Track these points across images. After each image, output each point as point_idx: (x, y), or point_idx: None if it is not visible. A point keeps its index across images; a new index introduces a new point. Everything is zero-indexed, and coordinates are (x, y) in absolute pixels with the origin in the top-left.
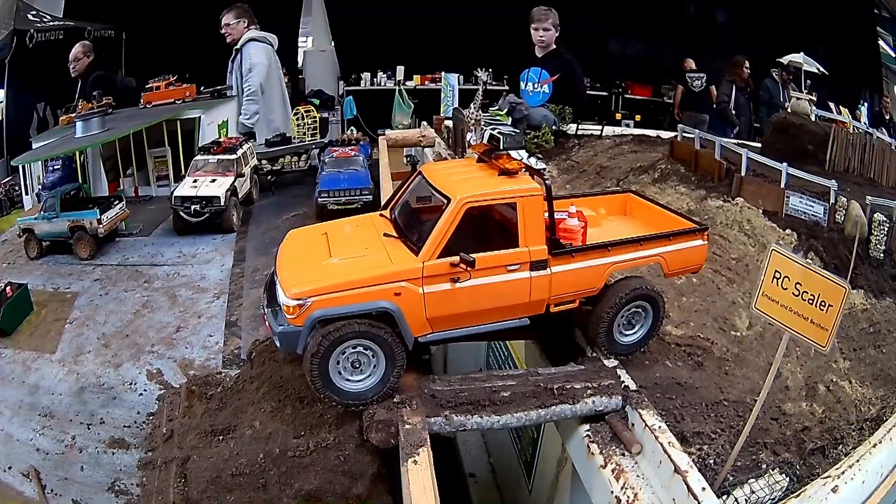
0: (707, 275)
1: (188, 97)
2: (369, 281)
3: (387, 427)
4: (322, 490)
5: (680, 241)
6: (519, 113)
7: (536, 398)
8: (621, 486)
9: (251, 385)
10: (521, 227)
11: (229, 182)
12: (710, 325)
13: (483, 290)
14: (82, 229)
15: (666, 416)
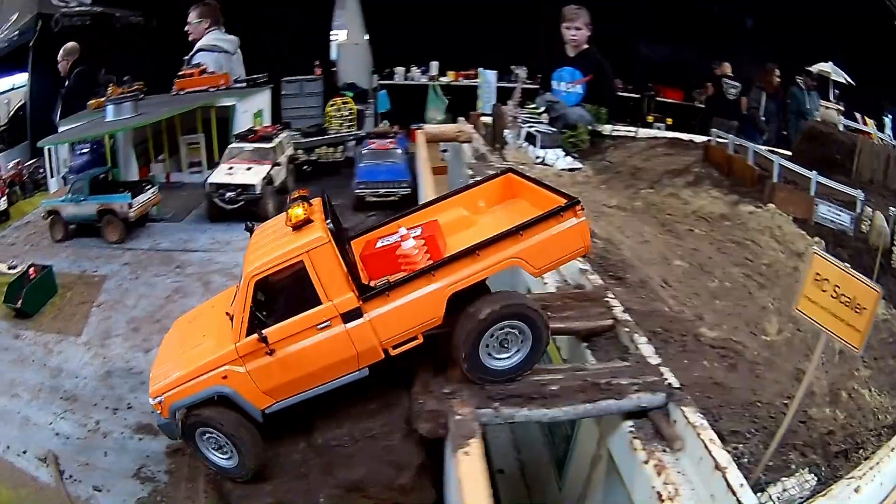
0: (739, 279)
1: (222, 85)
2: (200, 371)
3: (436, 417)
4: (366, 480)
5: (544, 229)
6: (555, 112)
7: (584, 393)
8: (662, 481)
9: None
10: (316, 282)
11: (265, 170)
12: (741, 329)
13: (301, 355)
14: (112, 213)
15: (704, 414)
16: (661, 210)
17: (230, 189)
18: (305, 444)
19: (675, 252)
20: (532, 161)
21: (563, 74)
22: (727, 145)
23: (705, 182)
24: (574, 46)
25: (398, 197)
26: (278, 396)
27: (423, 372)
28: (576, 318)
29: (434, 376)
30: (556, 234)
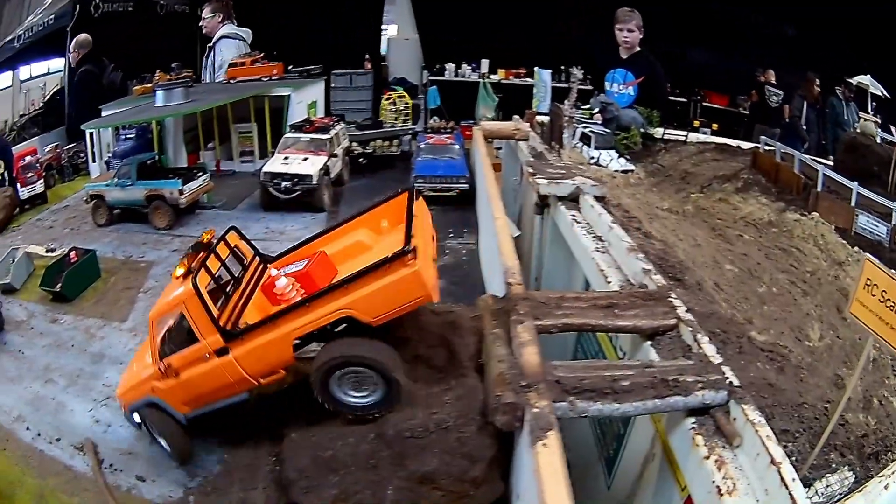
0: (785, 285)
1: (275, 75)
2: (139, 383)
3: (513, 410)
4: (438, 472)
5: (370, 282)
6: (609, 113)
7: (653, 389)
8: (722, 476)
9: None
10: (193, 324)
11: (322, 161)
12: (787, 334)
13: (197, 378)
14: (161, 199)
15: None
16: (712, 215)
17: (286, 178)
18: (375, 435)
19: (725, 256)
20: (587, 161)
21: (616, 76)
22: (775, 153)
23: (754, 188)
24: (627, 48)
25: (456, 192)
26: (192, 406)
27: (498, 364)
28: (642, 316)
29: (509, 368)
30: (388, 286)
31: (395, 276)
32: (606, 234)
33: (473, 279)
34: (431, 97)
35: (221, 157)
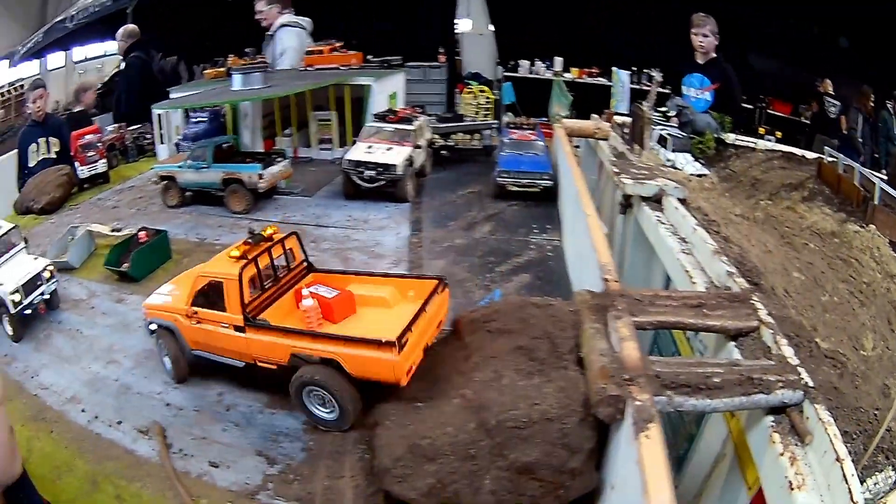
0: (845, 295)
1: (354, 64)
2: (167, 309)
3: (616, 402)
4: (539, 462)
5: (359, 348)
6: (685, 117)
7: (741, 386)
8: (794, 471)
9: (457, 355)
10: (226, 299)
11: (407, 152)
12: (845, 342)
13: (213, 334)
14: (239, 182)
15: None
16: (780, 222)
17: (370, 167)
18: (476, 425)
19: (793, 264)
20: (663, 163)
21: (693, 80)
22: (837, 164)
23: (818, 198)
24: (703, 53)
25: (539, 188)
26: (200, 348)
27: (599, 357)
28: (728, 317)
29: (611, 362)
30: (369, 359)
31: (377, 355)
32: (690, 236)
33: (558, 274)
34: (506, 93)
35: (299, 144)
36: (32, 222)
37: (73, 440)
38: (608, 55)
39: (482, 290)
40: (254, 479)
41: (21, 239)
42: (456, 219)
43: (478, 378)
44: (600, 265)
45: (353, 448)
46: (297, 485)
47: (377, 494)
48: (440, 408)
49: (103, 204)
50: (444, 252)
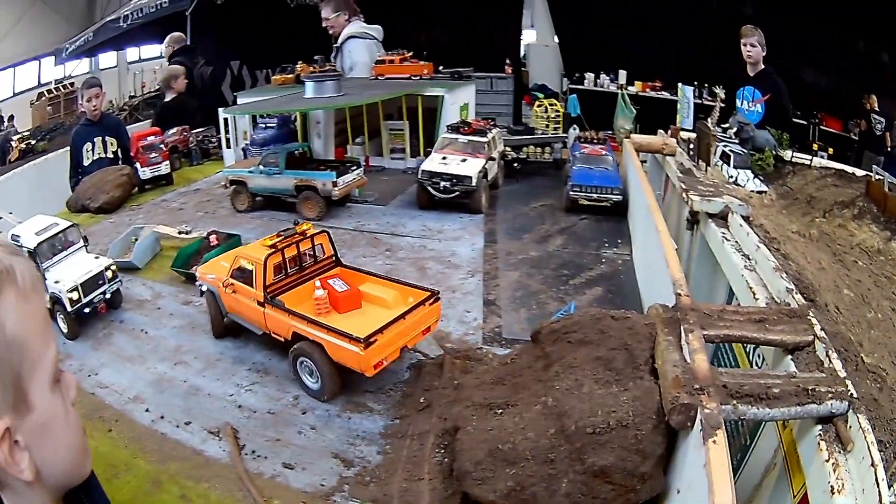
0: (888, 312)
1: (425, 75)
2: (214, 276)
3: (688, 410)
4: (614, 467)
5: (338, 338)
6: (746, 133)
7: (796, 397)
8: (836, 477)
9: (538, 363)
10: (255, 277)
11: (481, 164)
12: (886, 358)
13: (240, 302)
14: (312, 189)
15: None
16: (833, 240)
17: (445, 178)
18: (556, 431)
19: (843, 281)
20: (727, 180)
21: (745, 93)
22: (883, 181)
23: (866, 216)
24: (752, 64)
25: (610, 203)
26: (231, 311)
27: (673, 368)
28: (787, 332)
29: (683, 373)
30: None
31: (349, 347)
32: (753, 253)
33: (629, 288)
34: (572, 105)
35: (371, 153)
36: (88, 221)
37: (135, 440)
38: (671, 69)
39: (556, 301)
40: (329, 481)
41: (80, 237)
42: (529, 231)
43: (559, 386)
44: (672, 280)
45: (432, 452)
46: (373, 486)
47: (454, 497)
48: (521, 414)
49: (167, 206)
50: (518, 264)
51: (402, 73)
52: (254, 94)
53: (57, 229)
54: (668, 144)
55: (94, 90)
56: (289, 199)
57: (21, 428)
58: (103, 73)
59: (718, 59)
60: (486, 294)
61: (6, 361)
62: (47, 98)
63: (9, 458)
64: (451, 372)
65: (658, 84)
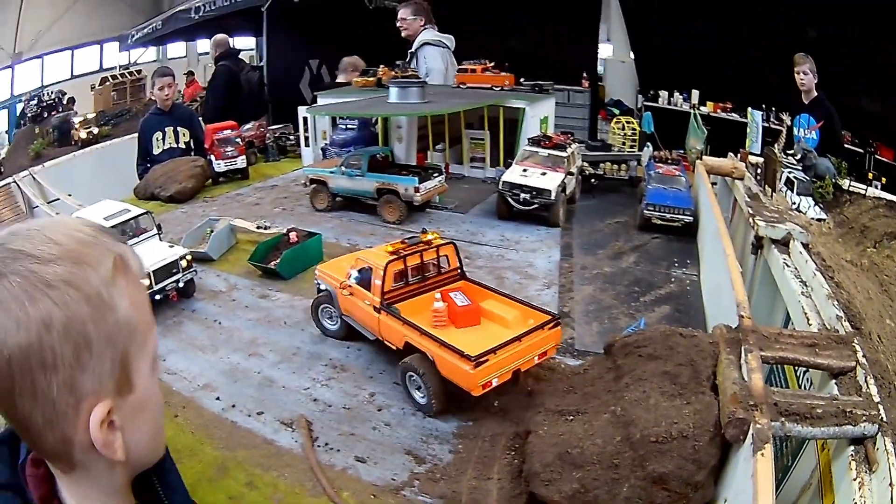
0: None
1: (507, 86)
2: (331, 277)
3: (742, 425)
4: (672, 474)
5: (449, 353)
6: (809, 161)
7: (836, 418)
8: (860, 494)
9: (609, 375)
10: (372, 284)
11: (560, 178)
12: None
13: (355, 304)
14: (394, 194)
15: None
16: (881, 270)
17: (525, 190)
18: (622, 438)
19: (887, 311)
20: (790, 206)
21: (801, 120)
22: None
23: None
24: (805, 92)
25: (681, 224)
26: (346, 313)
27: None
28: (834, 357)
29: (741, 390)
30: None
31: (459, 364)
32: (810, 280)
33: (695, 308)
34: (646, 122)
35: (451, 161)
36: (158, 208)
37: (202, 426)
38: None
39: (627, 317)
40: (400, 476)
41: (153, 225)
42: (604, 247)
43: (627, 397)
44: (737, 302)
45: (503, 454)
46: (443, 483)
47: (521, 496)
48: (590, 421)
49: (243, 200)
50: (592, 279)
51: (483, 82)
52: (334, 94)
53: (128, 216)
54: (738, 168)
55: (167, 79)
56: (369, 202)
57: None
58: (171, 62)
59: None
60: (561, 306)
61: (117, 343)
62: (111, 83)
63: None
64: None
65: (729, 105)
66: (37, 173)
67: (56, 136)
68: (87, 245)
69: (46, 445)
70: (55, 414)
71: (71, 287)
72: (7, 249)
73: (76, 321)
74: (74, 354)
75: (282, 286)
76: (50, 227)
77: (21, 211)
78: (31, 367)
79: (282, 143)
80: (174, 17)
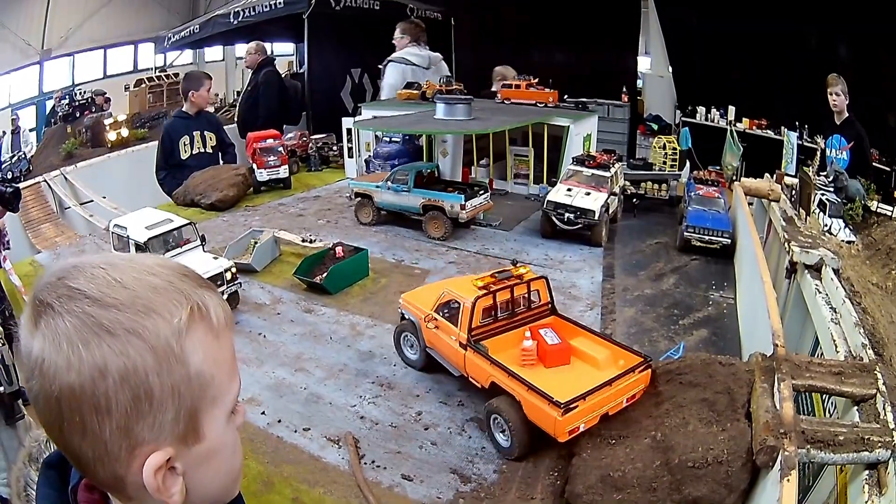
0: None
1: (550, 103)
2: (415, 307)
3: (772, 452)
4: (705, 498)
5: (536, 397)
6: (840, 182)
7: (855, 444)
8: None
9: (650, 401)
10: (459, 319)
11: (604, 198)
12: None
13: (439, 339)
14: (439, 210)
15: None
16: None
17: (570, 210)
18: (661, 463)
19: None
20: (823, 230)
21: (833, 141)
22: None
23: None
24: (837, 113)
25: (719, 246)
26: (430, 346)
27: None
28: (857, 384)
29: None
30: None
31: (546, 409)
32: (840, 307)
33: (731, 332)
34: (684, 138)
35: (494, 176)
36: (198, 216)
37: (247, 440)
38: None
39: (666, 340)
40: (445, 494)
41: (197, 236)
42: (645, 268)
43: (668, 423)
44: (772, 330)
45: (546, 474)
46: (487, 502)
47: None
48: (632, 445)
49: (286, 210)
50: (634, 301)
51: (527, 98)
52: (378, 107)
53: (171, 226)
54: (774, 191)
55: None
56: (414, 217)
57: (184, 457)
58: (208, 66)
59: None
60: (604, 328)
61: (186, 396)
62: (147, 85)
63: (161, 486)
64: None
65: (764, 122)
66: (69, 173)
67: (89, 137)
68: (160, 291)
69: (97, 478)
70: (107, 454)
71: (134, 336)
72: (66, 286)
73: (137, 371)
74: (132, 403)
75: (327, 301)
76: (120, 266)
77: (52, 211)
78: (82, 408)
79: (324, 152)
80: (212, 21)
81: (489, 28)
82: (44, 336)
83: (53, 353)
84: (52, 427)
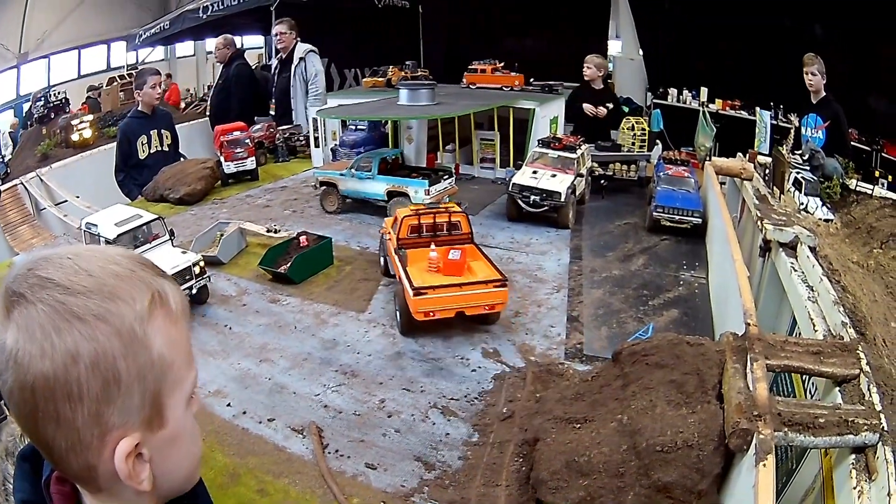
0: None
1: (516, 86)
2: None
3: (745, 435)
4: (676, 483)
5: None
6: (816, 161)
7: (838, 427)
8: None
9: (616, 382)
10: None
11: (570, 180)
12: None
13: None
14: (403, 196)
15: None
16: (887, 272)
17: (535, 192)
18: (628, 447)
19: (892, 315)
20: (798, 208)
21: (809, 120)
22: None
23: None
24: (813, 92)
25: (689, 226)
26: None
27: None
28: (838, 364)
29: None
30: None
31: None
32: (817, 285)
33: (703, 312)
34: (655, 120)
35: (460, 161)
36: (168, 211)
37: (213, 433)
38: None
39: (635, 321)
40: (410, 482)
41: (166, 231)
42: (613, 249)
43: (634, 406)
44: (744, 309)
45: (511, 460)
46: (452, 490)
47: (528, 503)
48: (597, 429)
49: (253, 202)
50: (602, 282)
51: (493, 83)
52: (344, 95)
53: (140, 221)
54: (747, 169)
55: (158, 77)
56: (379, 204)
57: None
58: (179, 61)
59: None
60: (570, 310)
61: (149, 380)
62: (119, 83)
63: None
64: (533, 385)
65: (737, 103)
66: (44, 175)
67: (63, 138)
68: (123, 279)
69: (70, 469)
70: (79, 442)
71: (101, 321)
72: (36, 276)
73: (106, 356)
74: (102, 388)
75: (292, 290)
76: (85, 256)
77: (28, 213)
78: (56, 396)
79: (291, 143)
80: (182, 16)
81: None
82: (17, 326)
83: (27, 342)
84: (26, 419)
